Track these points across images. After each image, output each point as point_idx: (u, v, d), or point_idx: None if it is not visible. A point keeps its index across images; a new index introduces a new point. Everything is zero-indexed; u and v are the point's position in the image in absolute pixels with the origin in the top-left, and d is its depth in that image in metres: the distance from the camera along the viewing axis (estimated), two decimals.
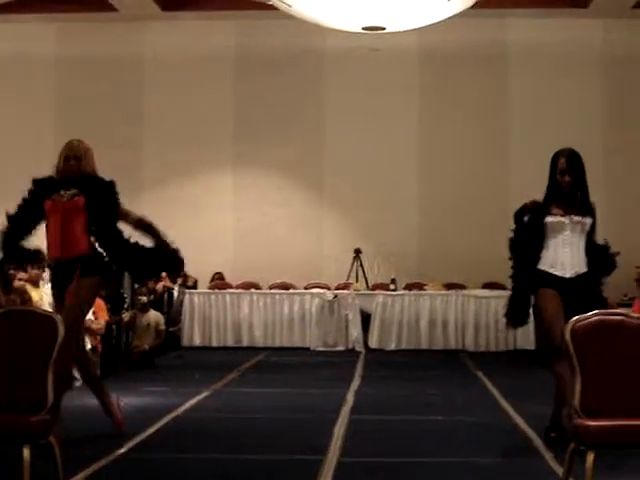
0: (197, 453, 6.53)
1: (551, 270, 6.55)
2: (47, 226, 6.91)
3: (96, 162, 6.99)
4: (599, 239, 6.78)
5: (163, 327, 12.93)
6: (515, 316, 6.75)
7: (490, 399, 9.32)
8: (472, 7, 14.20)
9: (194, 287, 15.57)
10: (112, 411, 7.07)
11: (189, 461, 6.30)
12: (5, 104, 16.71)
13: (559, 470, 5.53)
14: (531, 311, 6.69)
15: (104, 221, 6.85)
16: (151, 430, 7.30)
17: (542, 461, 6.10)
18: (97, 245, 6.84)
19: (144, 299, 12.72)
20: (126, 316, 12.17)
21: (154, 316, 12.79)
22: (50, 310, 9.60)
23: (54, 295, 7.10)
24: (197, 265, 15.57)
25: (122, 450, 6.43)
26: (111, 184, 6.93)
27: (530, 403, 8.50)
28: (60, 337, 5.17)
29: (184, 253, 16.66)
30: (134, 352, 12.25)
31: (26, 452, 4.92)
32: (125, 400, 7.47)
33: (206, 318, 15.08)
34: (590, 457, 4.70)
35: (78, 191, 6.83)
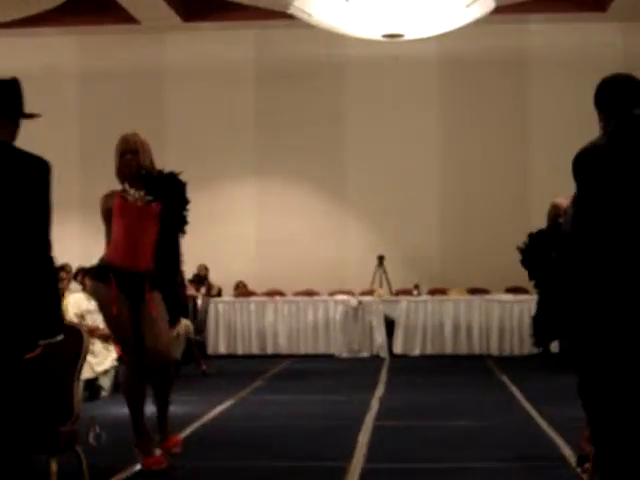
0: (223, 461, 6.58)
1: None
2: (111, 226, 6.21)
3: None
4: None
5: (193, 335, 12.92)
6: None
7: (516, 404, 9.32)
8: (491, 13, 14.22)
9: (218, 295, 15.63)
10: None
11: (215, 469, 6.35)
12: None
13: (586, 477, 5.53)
14: None
15: (173, 236, 6.37)
16: None
17: (569, 467, 6.09)
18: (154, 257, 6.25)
19: None
20: None
21: (184, 326, 12.70)
22: (74, 320, 9.70)
23: (119, 299, 6.10)
24: (221, 274, 15.72)
25: None
26: (183, 186, 6.50)
27: (556, 407, 8.50)
28: (85, 347, 5.21)
29: (208, 263, 16.64)
30: None
31: (54, 463, 4.97)
32: (150, 409, 7.50)
33: (231, 326, 15.16)
34: None
35: (150, 195, 6.23)
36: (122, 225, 6.15)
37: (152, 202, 6.22)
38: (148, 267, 6.21)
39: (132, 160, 6.21)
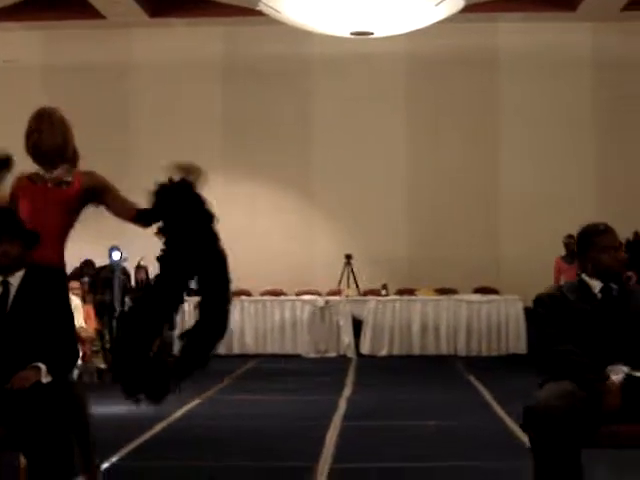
0: (188, 461, 6.50)
1: None
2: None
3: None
4: None
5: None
6: None
7: (482, 404, 9.29)
8: (461, 11, 14.21)
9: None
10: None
11: (181, 469, 6.28)
12: None
13: None
14: None
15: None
16: (143, 438, 7.27)
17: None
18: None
19: None
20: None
21: None
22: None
23: None
24: None
25: (114, 458, 6.40)
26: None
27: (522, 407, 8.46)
28: None
29: None
30: None
31: (22, 460, 4.87)
32: (116, 408, 7.39)
33: None
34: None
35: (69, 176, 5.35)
36: (26, 209, 5.27)
37: (64, 184, 5.36)
38: (49, 261, 5.13)
39: (38, 139, 5.46)
